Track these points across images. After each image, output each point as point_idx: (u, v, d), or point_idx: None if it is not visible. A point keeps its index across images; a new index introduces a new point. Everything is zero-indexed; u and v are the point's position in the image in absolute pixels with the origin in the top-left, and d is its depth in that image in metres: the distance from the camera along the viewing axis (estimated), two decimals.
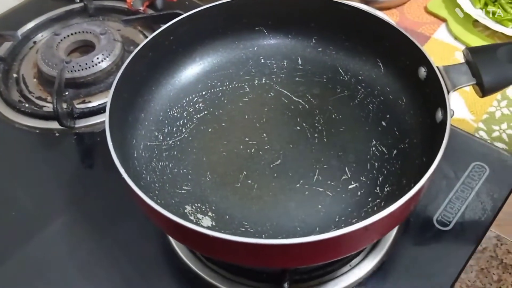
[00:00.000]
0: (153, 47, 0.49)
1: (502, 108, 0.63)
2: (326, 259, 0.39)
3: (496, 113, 0.62)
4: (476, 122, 0.61)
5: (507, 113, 0.62)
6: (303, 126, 0.50)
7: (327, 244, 0.34)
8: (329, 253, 0.38)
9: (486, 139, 0.58)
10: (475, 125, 0.60)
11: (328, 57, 0.55)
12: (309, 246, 0.34)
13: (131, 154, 0.47)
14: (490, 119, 0.61)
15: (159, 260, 0.49)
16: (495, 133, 0.60)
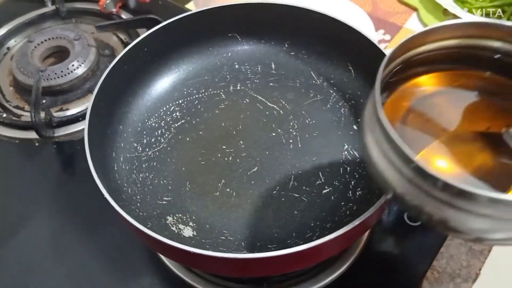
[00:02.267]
0: (128, 60, 0.50)
1: None
2: (302, 267, 0.42)
3: None
4: None
5: None
6: (278, 132, 0.51)
7: (302, 254, 0.36)
8: (304, 261, 0.40)
9: None
10: None
11: (300, 61, 0.56)
12: (286, 257, 0.36)
13: (111, 167, 0.48)
14: None
15: (144, 266, 0.51)
16: None
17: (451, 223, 0.29)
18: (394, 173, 0.30)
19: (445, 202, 0.28)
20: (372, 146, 0.32)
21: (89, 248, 0.52)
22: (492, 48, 0.36)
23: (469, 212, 0.28)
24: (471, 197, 0.27)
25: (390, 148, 0.30)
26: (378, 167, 0.32)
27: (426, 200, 0.29)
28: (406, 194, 0.30)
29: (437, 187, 0.28)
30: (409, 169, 0.29)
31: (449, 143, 0.35)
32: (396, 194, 0.31)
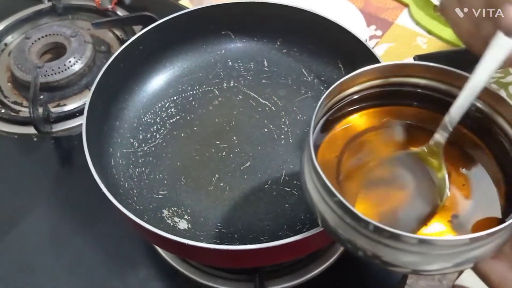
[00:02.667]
0: (124, 58, 0.51)
1: None
2: (293, 257, 0.43)
3: None
4: None
5: None
6: (270, 128, 0.53)
7: (292, 245, 0.38)
8: (295, 252, 0.42)
9: None
10: None
11: (292, 58, 0.58)
12: (277, 249, 0.38)
13: (108, 163, 0.50)
14: None
15: (141, 258, 0.52)
16: None
17: (384, 258, 0.30)
18: (326, 208, 0.32)
19: (375, 240, 0.29)
20: (307, 177, 0.34)
21: (87, 241, 0.53)
22: (413, 84, 0.39)
23: (401, 249, 0.29)
24: (400, 238, 0.28)
25: (319, 184, 0.31)
26: (312, 198, 0.33)
27: (357, 236, 0.30)
28: (338, 228, 0.31)
29: (366, 228, 0.29)
30: (337, 206, 0.30)
31: (377, 179, 0.36)
32: (329, 227, 0.32)
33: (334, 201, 0.30)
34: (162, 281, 0.51)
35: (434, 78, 0.39)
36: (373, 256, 0.30)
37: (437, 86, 0.39)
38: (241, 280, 0.49)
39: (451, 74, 0.37)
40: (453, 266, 0.30)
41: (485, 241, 0.29)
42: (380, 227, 0.28)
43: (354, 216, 0.29)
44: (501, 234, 0.29)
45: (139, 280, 0.50)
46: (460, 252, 0.29)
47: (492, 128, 0.37)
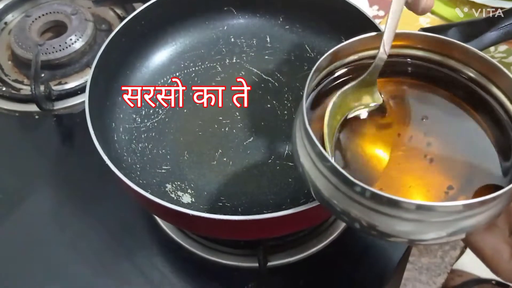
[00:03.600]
0: (126, 33, 0.51)
1: None
2: (297, 229, 0.43)
3: None
4: None
5: None
6: (273, 103, 0.53)
7: (295, 216, 0.38)
8: (299, 224, 0.42)
9: None
10: None
11: (295, 34, 0.57)
12: (280, 220, 0.38)
13: (111, 137, 0.49)
14: None
15: (143, 233, 0.52)
16: None
17: (380, 227, 0.30)
18: (319, 176, 0.31)
19: (371, 208, 0.29)
20: (298, 144, 0.33)
21: (89, 218, 0.53)
22: (408, 55, 0.39)
23: (397, 217, 0.28)
24: (397, 204, 0.28)
25: (313, 153, 0.31)
26: (304, 167, 0.33)
27: (351, 205, 0.30)
28: (332, 198, 0.31)
29: (361, 194, 0.29)
30: (330, 173, 0.30)
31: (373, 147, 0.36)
32: (323, 198, 0.31)
33: (327, 167, 0.30)
34: (165, 256, 0.51)
35: (430, 49, 0.38)
36: (369, 226, 0.30)
37: (433, 57, 0.38)
38: (244, 254, 0.50)
39: (448, 44, 0.37)
40: (447, 235, 0.29)
41: (479, 210, 0.29)
42: (377, 193, 0.28)
43: (348, 182, 0.29)
44: (495, 203, 0.29)
45: (143, 255, 0.51)
46: (454, 221, 0.29)
47: (487, 99, 0.36)
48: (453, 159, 0.35)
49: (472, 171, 0.34)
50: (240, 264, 0.49)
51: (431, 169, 0.34)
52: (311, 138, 0.31)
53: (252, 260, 0.49)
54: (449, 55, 0.37)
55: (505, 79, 0.34)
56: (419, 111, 0.37)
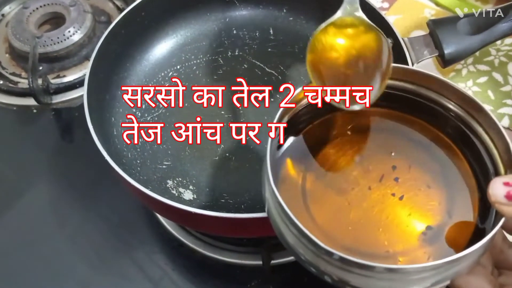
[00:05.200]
0: (125, 24, 0.50)
1: (469, 66, 0.65)
2: None
3: (462, 71, 0.65)
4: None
5: (473, 70, 0.64)
6: (277, 97, 0.51)
7: None
8: None
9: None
10: None
11: (299, 26, 0.56)
12: None
13: (111, 132, 0.48)
14: (456, 76, 0.64)
15: (144, 230, 0.51)
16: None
17: (353, 283, 0.27)
18: (284, 226, 0.29)
19: (341, 268, 0.27)
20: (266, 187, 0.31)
21: (88, 214, 0.52)
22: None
23: (371, 277, 0.27)
24: (368, 268, 0.26)
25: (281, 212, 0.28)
26: (270, 210, 0.30)
27: (319, 261, 0.27)
28: (298, 249, 0.28)
29: (331, 257, 0.26)
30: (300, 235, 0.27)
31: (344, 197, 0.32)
32: (289, 246, 0.29)
33: (297, 230, 0.27)
34: (167, 253, 0.50)
35: (408, 80, 0.35)
36: (341, 281, 0.27)
37: (410, 87, 0.35)
38: (248, 252, 0.49)
39: (426, 78, 0.34)
40: (430, 285, 0.27)
41: (461, 260, 0.27)
42: (345, 258, 0.26)
43: (315, 245, 0.26)
44: (476, 252, 0.27)
45: (144, 252, 0.50)
46: (434, 275, 0.27)
47: (466, 133, 0.34)
48: (430, 196, 0.32)
49: (450, 208, 0.31)
50: (243, 262, 0.48)
51: (405, 209, 0.31)
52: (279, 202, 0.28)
53: (255, 258, 0.48)
54: (428, 86, 0.35)
55: (484, 116, 0.32)
56: (390, 144, 0.35)
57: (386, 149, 0.34)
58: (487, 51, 0.65)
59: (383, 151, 0.34)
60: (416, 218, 0.31)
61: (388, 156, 0.33)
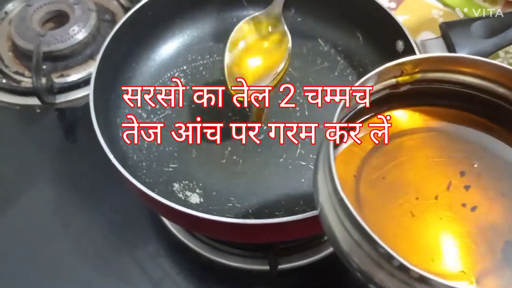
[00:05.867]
0: (132, 24, 0.49)
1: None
2: (311, 233, 0.42)
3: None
4: None
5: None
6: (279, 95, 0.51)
7: (310, 221, 0.37)
8: (312, 228, 0.40)
9: None
10: None
11: (307, 27, 0.55)
12: (293, 224, 0.36)
13: (116, 133, 0.47)
14: None
15: (148, 232, 0.51)
16: None
17: None
18: (342, 230, 0.26)
19: (399, 279, 0.24)
20: (322, 189, 0.28)
21: (92, 215, 0.52)
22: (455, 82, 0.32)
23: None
24: (430, 282, 0.23)
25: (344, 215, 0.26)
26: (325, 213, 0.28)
27: (376, 270, 0.25)
28: (353, 255, 0.26)
29: (391, 264, 0.24)
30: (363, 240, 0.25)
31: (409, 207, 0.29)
32: (343, 252, 0.27)
33: (363, 238, 0.25)
34: (171, 257, 0.49)
35: (485, 76, 0.31)
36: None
37: (488, 85, 0.31)
38: (254, 257, 0.48)
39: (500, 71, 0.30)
40: None
41: None
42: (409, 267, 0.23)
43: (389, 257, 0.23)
44: None
45: (148, 255, 0.49)
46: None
47: None
48: (505, 206, 0.29)
49: None
50: (249, 267, 0.47)
51: (480, 221, 0.28)
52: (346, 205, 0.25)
53: (262, 263, 0.47)
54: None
55: None
56: (457, 148, 0.31)
57: (451, 153, 0.31)
58: (496, 53, 0.65)
59: (447, 156, 0.31)
60: (493, 232, 0.28)
61: (454, 161, 0.30)
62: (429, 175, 0.30)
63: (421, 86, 0.32)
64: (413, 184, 0.30)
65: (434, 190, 0.29)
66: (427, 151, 0.31)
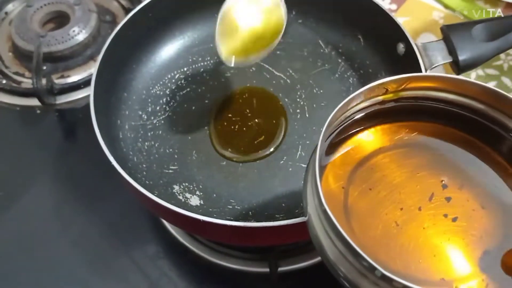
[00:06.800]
0: (132, 26, 0.49)
1: (477, 70, 0.64)
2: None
3: (471, 75, 0.64)
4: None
5: (481, 75, 0.63)
6: (285, 101, 0.51)
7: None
8: None
9: None
10: None
11: (308, 29, 0.55)
12: (294, 227, 0.36)
13: (116, 135, 0.47)
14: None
15: (148, 234, 0.51)
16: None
17: None
18: (328, 240, 0.27)
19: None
20: (309, 197, 0.29)
21: (92, 216, 0.52)
22: (437, 99, 0.34)
23: None
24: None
25: (330, 228, 0.27)
26: (312, 223, 0.29)
27: (362, 279, 0.26)
28: (339, 264, 0.27)
29: (375, 274, 0.25)
30: (348, 253, 0.26)
31: (393, 212, 0.30)
32: (329, 261, 0.28)
33: (340, 241, 0.26)
34: (171, 259, 0.49)
35: (464, 94, 0.33)
36: None
37: (467, 102, 0.33)
38: (254, 259, 0.48)
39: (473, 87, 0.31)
40: None
41: None
42: (393, 278, 0.24)
43: (370, 268, 0.24)
44: None
45: (148, 257, 0.49)
46: None
47: (496, 131, 0.32)
48: (485, 218, 0.30)
49: (507, 231, 0.29)
50: (249, 269, 0.47)
51: (459, 231, 0.29)
52: (330, 218, 0.26)
53: (262, 265, 0.47)
54: (483, 100, 0.32)
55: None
56: (438, 161, 0.33)
57: (434, 166, 0.32)
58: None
59: (431, 169, 0.32)
60: (472, 242, 0.29)
61: (437, 174, 0.31)
62: (413, 186, 0.31)
63: (405, 103, 0.33)
64: (398, 195, 0.31)
65: (418, 201, 0.30)
66: (412, 163, 0.32)
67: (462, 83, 0.32)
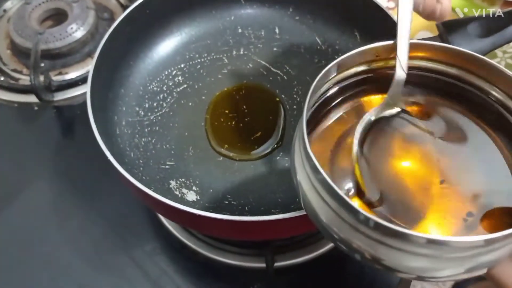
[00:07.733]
0: (130, 22, 0.49)
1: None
2: (307, 230, 0.42)
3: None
4: None
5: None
6: (282, 98, 0.51)
7: (306, 218, 0.36)
8: (308, 226, 0.40)
9: None
10: None
11: (305, 26, 0.55)
12: (289, 221, 0.36)
13: (113, 131, 0.47)
14: None
15: (146, 231, 0.51)
16: None
17: (385, 262, 0.26)
18: (318, 201, 0.28)
19: (376, 240, 0.25)
20: (298, 165, 0.30)
21: (90, 213, 0.52)
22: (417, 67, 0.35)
23: (406, 251, 0.25)
24: (406, 238, 0.24)
25: (313, 174, 0.27)
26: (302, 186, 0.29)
27: (353, 235, 0.26)
28: (332, 225, 0.27)
29: (365, 224, 0.25)
30: (332, 199, 0.26)
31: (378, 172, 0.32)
32: (323, 224, 0.28)
33: (328, 193, 0.27)
34: (169, 255, 0.49)
35: (443, 60, 0.34)
36: (373, 259, 0.26)
37: (446, 69, 0.35)
38: (251, 254, 0.48)
39: (462, 56, 0.33)
40: (464, 272, 0.26)
41: (502, 243, 0.25)
42: (382, 224, 0.24)
43: (351, 210, 0.25)
44: None
45: (146, 253, 0.49)
46: (473, 256, 0.25)
47: (491, 104, 0.33)
48: (471, 182, 0.31)
49: (491, 194, 0.30)
50: (246, 264, 0.48)
51: (447, 193, 0.30)
52: (313, 162, 0.27)
53: (259, 260, 0.47)
54: (472, 71, 0.34)
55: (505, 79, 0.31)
56: (433, 128, 0.34)
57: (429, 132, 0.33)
58: (494, 53, 0.65)
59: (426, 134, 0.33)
60: (457, 203, 0.30)
61: (430, 138, 0.33)
62: (402, 149, 0.33)
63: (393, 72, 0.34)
64: (389, 152, 0.33)
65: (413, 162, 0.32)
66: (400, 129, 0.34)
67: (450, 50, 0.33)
